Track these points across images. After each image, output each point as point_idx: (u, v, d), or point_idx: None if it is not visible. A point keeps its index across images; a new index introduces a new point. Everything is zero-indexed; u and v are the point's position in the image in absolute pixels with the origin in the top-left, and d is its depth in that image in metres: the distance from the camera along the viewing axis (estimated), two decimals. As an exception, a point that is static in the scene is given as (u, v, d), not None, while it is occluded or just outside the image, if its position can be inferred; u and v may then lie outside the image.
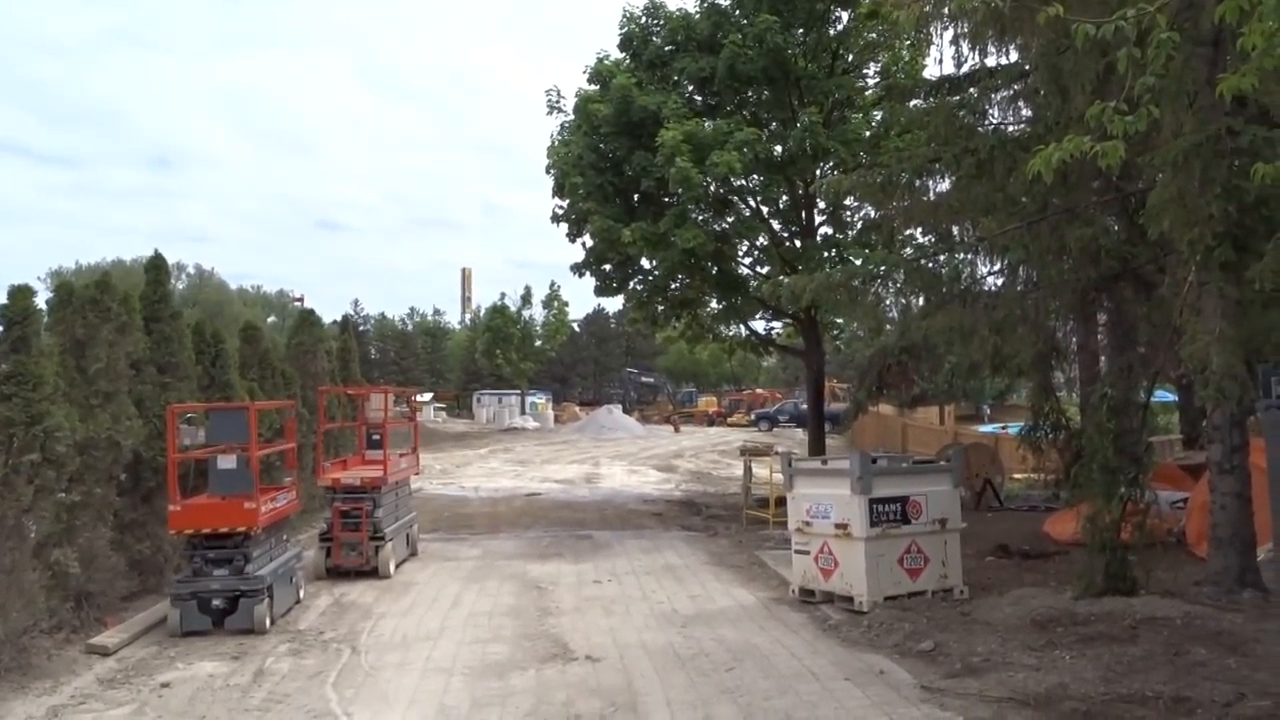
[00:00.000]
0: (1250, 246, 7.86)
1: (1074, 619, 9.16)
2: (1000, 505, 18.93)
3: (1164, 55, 4.83)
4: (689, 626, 10.09)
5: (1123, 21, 4.64)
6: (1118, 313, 12.49)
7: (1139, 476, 10.03)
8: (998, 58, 12.44)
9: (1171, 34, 4.84)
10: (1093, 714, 6.83)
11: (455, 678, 8.34)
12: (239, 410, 11.25)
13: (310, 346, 18.97)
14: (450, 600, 11.64)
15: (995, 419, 41.62)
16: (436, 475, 28.58)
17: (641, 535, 17.07)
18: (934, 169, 12.03)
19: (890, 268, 12.05)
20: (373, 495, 13.08)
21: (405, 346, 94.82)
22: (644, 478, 28.67)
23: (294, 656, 9.14)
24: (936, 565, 10.70)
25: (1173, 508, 13.44)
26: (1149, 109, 5.19)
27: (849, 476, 10.47)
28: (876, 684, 7.84)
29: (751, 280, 20.83)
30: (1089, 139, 5.27)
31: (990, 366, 13.07)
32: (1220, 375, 7.62)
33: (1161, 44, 4.79)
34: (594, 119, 19.51)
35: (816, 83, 19.05)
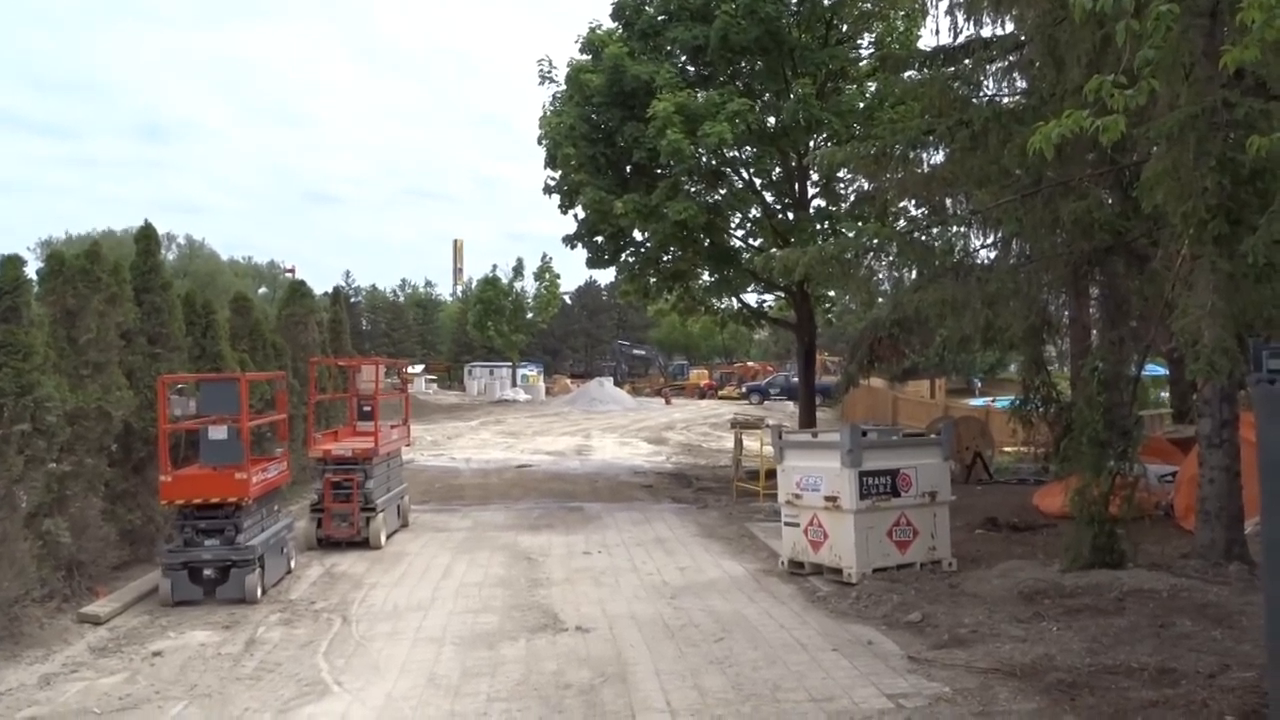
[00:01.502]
0: (1244, 220, 7.83)
1: (1061, 591, 9.23)
2: (990, 478, 19.02)
3: (1164, 28, 4.79)
4: (678, 598, 10.13)
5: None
6: (1110, 286, 12.48)
7: (1128, 450, 10.07)
8: (993, 28, 12.36)
9: (1171, 6, 4.80)
10: (1078, 685, 6.88)
11: (446, 647, 8.37)
12: (230, 381, 11.21)
13: (301, 318, 18.90)
14: (441, 571, 11.66)
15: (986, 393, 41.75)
16: (428, 447, 28.59)
17: (632, 507, 17.11)
18: (928, 141, 11.95)
19: (883, 240, 11.99)
20: (364, 466, 13.07)
21: (396, 318, 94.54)
22: (635, 450, 28.73)
23: (285, 626, 9.16)
24: (925, 538, 10.75)
25: (1161, 481, 13.52)
26: (1149, 82, 5.15)
27: (839, 449, 10.48)
28: (864, 655, 7.89)
29: (743, 253, 20.78)
30: (1088, 113, 5.23)
31: (982, 340, 13.05)
32: (1211, 350, 7.63)
33: (1161, 16, 4.74)
34: (586, 89, 19.35)
35: (810, 53, 18.90)
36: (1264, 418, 4.48)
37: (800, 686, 7.13)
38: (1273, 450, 4.44)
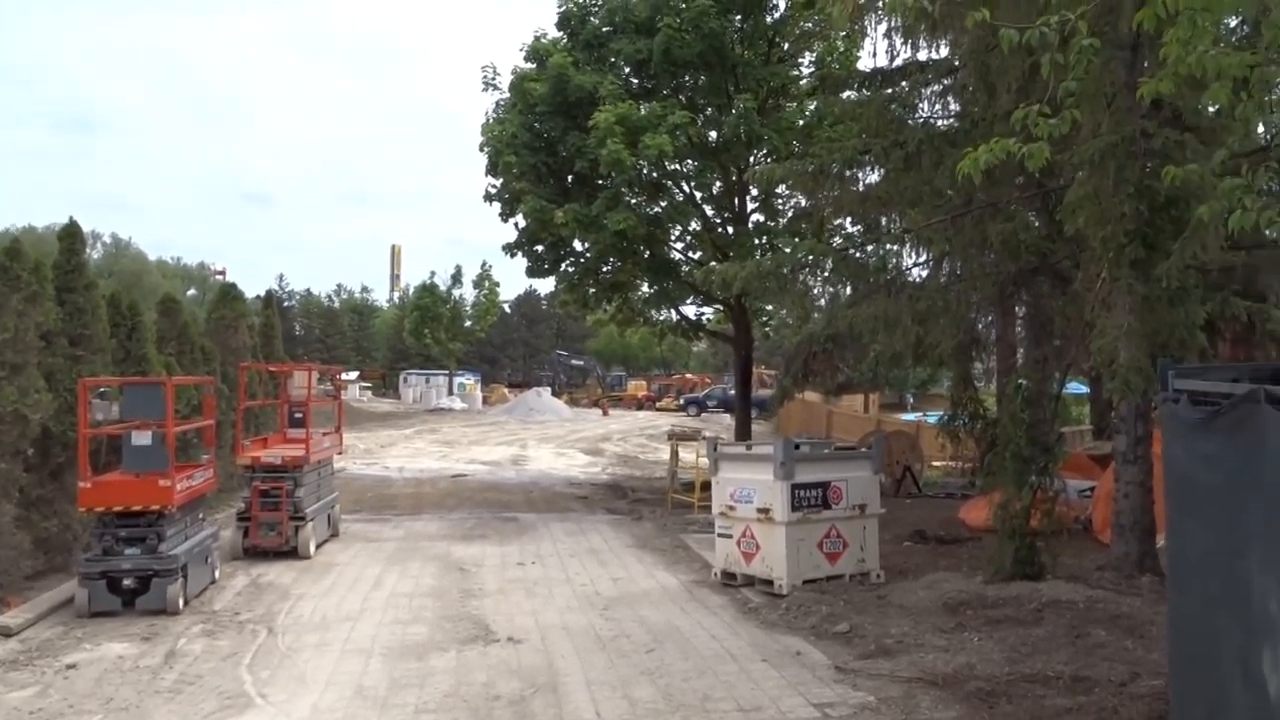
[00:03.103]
0: (1159, 246, 8.17)
1: (984, 602, 9.46)
2: (919, 492, 19.38)
3: (1085, 61, 4.98)
4: (611, 608, 10.16)
5: (1045, 28, 4.77)
6: (1035, 306, 12.85)
7: (1049, 465, 10.37)
8: (929, 52, 12.69)
9: (1093, 40, 4.99)
10: (997, 693, 7.08)
11: (374, 659, 8.29)
12: (155, 385, 10.97)
13: (231, 321, 18.58)
14: (371, 581, 11.54)
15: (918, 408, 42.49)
16: (360, 455, 28.23)
17: (567, 518, 17.10)
18: (864, 160, 12.22)
19: (818, 257, 12.22)
20: (294, 474, 12.88)
21: (331, 324, 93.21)
22: (571, 460, 28.69)
23: (208, 637, 8.99)
24: (855, 550, 10.93)
25: (1081, 496, 13.92)
26: (1071, 112, 5.35)
27: (772, 462, 10.62)
28: (793, 665, 8.00)
29: (683, 265, 20.92)
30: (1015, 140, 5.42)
31: (913, 356, 13.36)
32: (1126, 369, 7.93)
33: (1083, 50, 4.94)
34: (530, 98, 19.36)
35: (752, 70, 19.14)
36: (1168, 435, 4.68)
37: (729, 696, 7.21)
38: (1176, 466, 4.64)
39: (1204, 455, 4.15)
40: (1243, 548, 3.76)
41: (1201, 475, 4.19)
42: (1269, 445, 3.50)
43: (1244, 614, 3.74)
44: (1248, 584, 3.69)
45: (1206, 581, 4.15)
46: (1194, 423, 4.19)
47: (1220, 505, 4.01)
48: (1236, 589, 3.79)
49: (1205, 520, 4.19)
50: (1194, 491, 4.33)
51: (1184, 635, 4.51)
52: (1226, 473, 3.91)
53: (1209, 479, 4.11)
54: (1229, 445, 3.87)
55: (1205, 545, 4.17)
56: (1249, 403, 3.65)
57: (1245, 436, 3.70)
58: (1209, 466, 4.10)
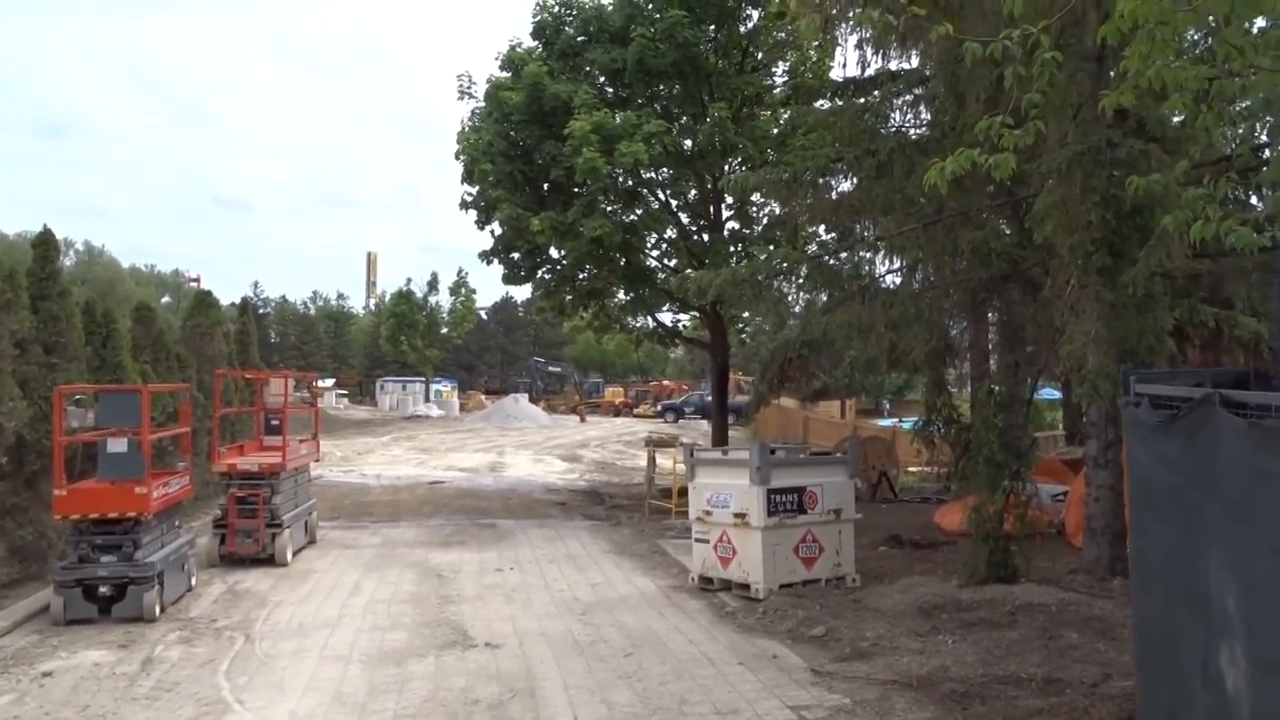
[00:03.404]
0: (1125, 253, 8.33)
1: (958, 605, 9.58)
2: (895, 497, 19.54)
3: (1048, 73, 5.10)
4: (589, 614, 10.21)
5: (1008, 41, 4.88)
6: (1007, 312, 13.02)
7: (1021, 470, 10.52)
8: (900, 63, 12.85)
9: (1055, 54, 5.11)
10: (970, 694, 7.18)
11: (353, 665, 8.30)
12: (130, 393, 10.94)
13: (207, 329, 18.51)
14: (349, 588, 11.53)
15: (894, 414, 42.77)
16: (337, 462, 28.11)
17: (545, 524, 17.13)
18: (836, 169, 12.36)
19: (793, 264, 12.33)
20: (270, 481, 12.85)
21: (307, 331, 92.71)
22: (549, 467, 28.70)
23: (185, 645, 8.96)
24: (831, 554, 11.04)
25: (1054, 500, 14.11)
26: (1035, 124, 5.47)
27: (748, 467, 10.71)
28: (769, 668, 8.08)
29: (659, 273, 21.03)
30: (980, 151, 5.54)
31: (887, 362, 13.46)
32: (1095, 374, 8.07)
33: (1045, 64, 5.05)
34: (505, 106, 19.43)
35: (726, 79, 19.29)
36: (1130, 438, 4.81)
37: (706, 700, 7.27)
38: (1139, 469, 4.76)
39: (1164, 458, 4.27)
40: (1201, 548, 3.88)
41: (1162, 477, 4.31)
42: (1224, 448, 3.62)
43: (1203, 612, 3.86)
44: (1206, 583, 3.81)
45: (1168, 581, 4.27)
46: (1154, 426, 4.31)
47: (1180, 506, 4.13)
48: (1196, 588, 3.91)
49: (1166, 521, 4.31)
50: (1155, 493, 4.45)
51: (1148, 634, 4.63)
52: (1185, 475, 4.03)
53: (1169, 481, 4.22)
54: (1187, 448, 3.98)
55: (1166, 546, 4.29)
56: (1205, 406, 3.77)
57: (1202, 439, 3.81)
58: (1169, 469, 4.21)
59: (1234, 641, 3.57)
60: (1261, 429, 3.39)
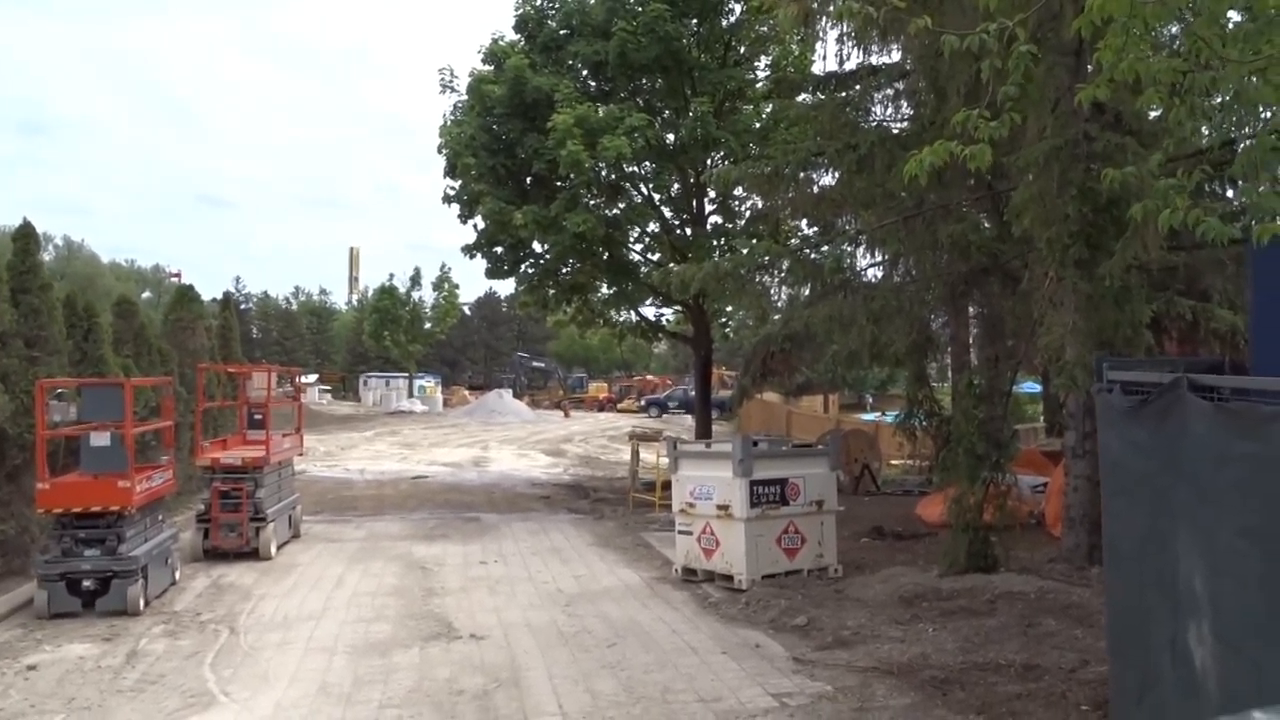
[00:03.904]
0: (1102, 246, 8.44)
1: (939, 595, 9.70)
2: (877, 489, 19.69)
3: (1023, 66, 5.18)
4: (573, 605, 10.28)
5: (985, 35, 4.95)
6: (987, 305, 13.16)
7: (1001, 461, 10.65)
8: (881, 57, 12.94)
9: (1030, 47, 5.19)
10: (950, 680, 7.29)
11: (338, 656, 8.34)
12: (113, 387, 10.92)
13: (189, 323, 18.45)
14: (333, 581, 11.55)
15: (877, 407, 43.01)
16: (320, 458, 28.04)
17: (529, 518, 17.17)
18: (818, 163, 12.44)
19: (775, 258, 12.42)
20: (254, 475, 12.85)
21: (289, 326, 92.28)
22: (533, 462, 28.72)
23: (169, 638, 8.98)
24: (813, 545, 11.14)
25: (1034, 491, 14.27)
26: (1010, 116, 5.56)
27: (731, 459, 10.79)
28: (752, 657, 8.17)
29: (642, 267, 21.09)
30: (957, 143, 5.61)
31: (868, 355, 13.59)
32: (1072, 365, 8.19)
33: (1021, 56, 5.13)
34: (487, 100, 19.43)
35: (709, 73, 19.37)
36: (1102, 424, 4.91)
37: (690, 688, 7.35)
38: (1110, 454, 4.86)
39: (1134, 442, 4.36)
40: (1170, 530, 3.97)
41: (1133, 462, 4.41)
42: (1192, 431, 3.72)
43: (1172, 593, 3.95)
44: (1175, 565, 3.90)
45: (1139, 564, 4.37)
46: (1125, 411, 4.40)
47: (1150, 490, 4.22)
48: (1165, 569, 4.00)
49: (1137, 505, 4.41)
50: (1126, 478, 4.55)
51: (1120, 616, 4.73)
52: (1155, 459, 4.13)
53: (1140, 465, 4.32)
54: (1157, 432, 4.08)
55: (1137, 529, 4.39)
56: (1174, 391, 3.86)
57: (1171, 424, 3.91)
58: (1139, 453, 4.31)
59: (1201, 620, 3.67)
60: (1227, 412, 3.49)
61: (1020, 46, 5.19)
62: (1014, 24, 4.95)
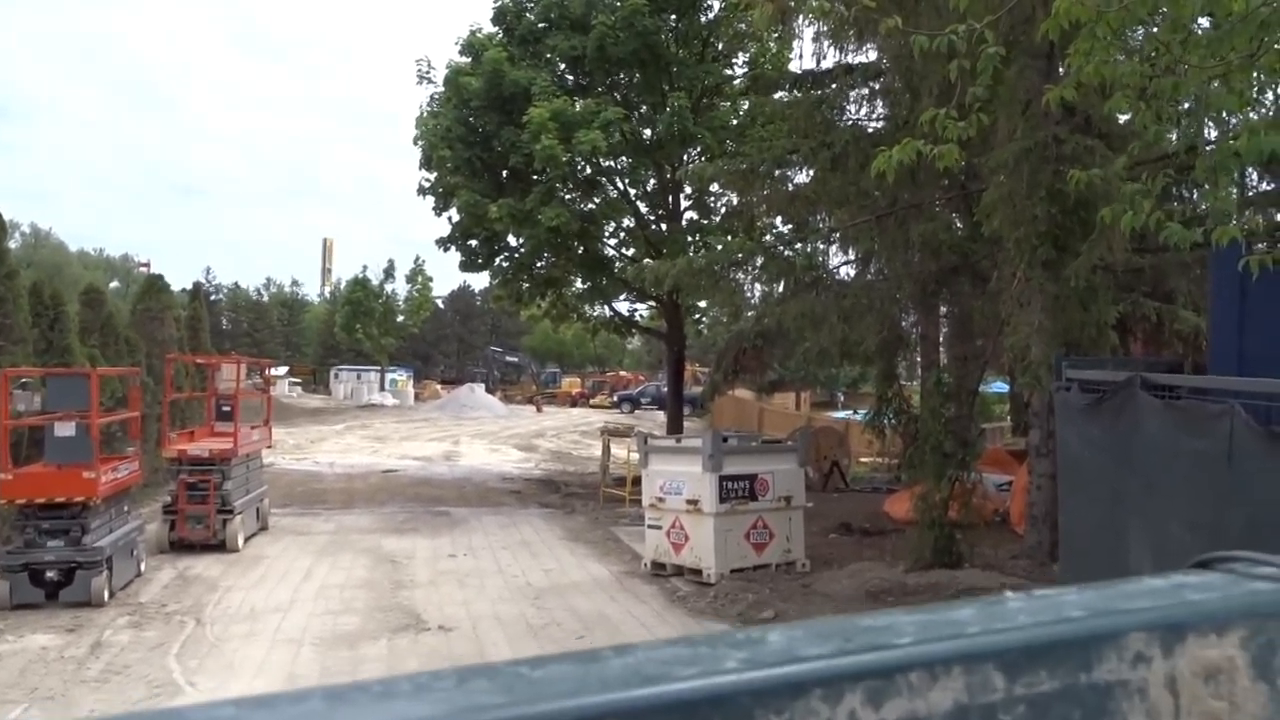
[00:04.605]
0: (1069, 247, 8.59)
1: (904, 589, 9.84)
2: (846, 486, 19.84)
3: (991, 68, 5.28)
4: (542, 598, 10.32)
5: (954, 36, 5.05)
6: (957, 304, 13.30)
7: (967, 459, 10.80)
8: (856, 55, 13.05)
9: (999, 49, 5.30)
10: (913, 674, 7.40)
11: (305, 648, 8.35)
12: (79, 376, 10.85)
13: (157, 313, 18.32)
14: (301, 573, 11.53)
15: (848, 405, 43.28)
16: (290, 450, 27.88)
17: (499, 512, 17.19)
18: (792, 160, 12.53)
19: (749, 254, 12.51)
20: (221, 467, 12.78)
21: (260, 318, 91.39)
22: (504, 456, 28.70)
23: (134, 629, 8.94)
24: (781, 540, 11.25)
25: (999, 489, 14.46)
26: (978, 116, 5.66)
27: (701, 454, 10.88)
28: (719, 650, 8.24)
29: (617, 262, 21.12)
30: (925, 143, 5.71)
31: (839, 353, 13.71)
32: (1037, 365, 8.33)
33: (989, 58, 5.24)
34: (464, 92, 19.40)
35: (686, 69, 19.42)
36: (1061, 421, 5.02)
37: (656, 680, 7.42)
38: (1067, 449, 4.98)
39: (1090, 438, 4.48)
40: (1122, 523, 4.08)
41: (1089, 457, 4.52)
42: (1144, 428, 3.82)
43: (1124, 584, 4.05)
44: (1126, 555, 4.02)
45: (1091, 556, 4.49)
46: (1082, 409, 4.52)
47: (1104, 484, 4.34)
48: (1117, 561, 4.11)
49: (1092, 499, 4.52)
50: (1083, 472, 4.66)
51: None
52: (1109, 454, 4.24)
53: (1095, 460, 4.44)
54: (1112, 429, 4.19)
55: (1091, 522, 4.51)
56: (1127, 389, 3.97)
57: (1125, 421, 4.02)
58: (1095, 448, 4.42)
59: (1150, 611, 3.75)
60: (1176, 409, 3.60)
61: (989, 48, 5.29)
62: (982, 26, 5.04)
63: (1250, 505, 3.09)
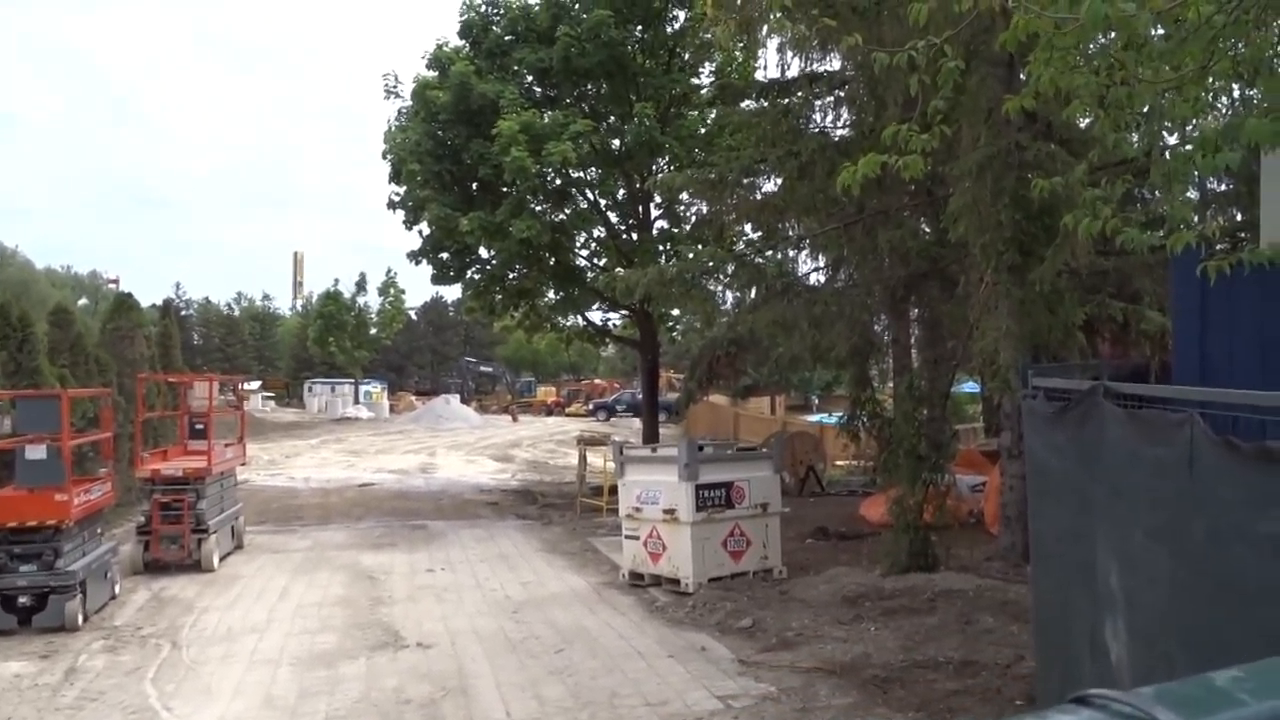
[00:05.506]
0: (1034, 251, 8.70)
1: (881, 594, 9.90)
2: (822, 491, 19.94)
3: (950, 81, 5.35)
4: (520, 611, 10.31)
5: (913, 52, 5.11)
6: (927, 309, 13.42)
7: (940, 462, 10.89)
8: (822, 65, 13.14)
9: (958, 62, 5.36)
10: (891, 679, 7.47)
11: (282, 668, 8.29)
12: (49, 398, 10.75)
13: (127, 331, 18.16)
14: (278, 592, 11.46)
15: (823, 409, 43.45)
16: (264, 466, 27.68)
17: (476, 524, 17.15)
18: (761, 170, 12.61)
19: (719, 263, 12.58)
20: (196, 486, 12.69)
21: (231, 333, 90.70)
22: (480, 468, 28.63)
23: (109, 653, 8.86)
24: (758, 547, 11.29)
25: (973, 491, 14.59)
26: (939, 128, 5.73)
27: (677, 464, 10.91)
28: (698, 660, 8.28)
29: (588, 272, 21.17)
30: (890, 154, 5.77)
31: (811, 358, 13.80)
32: (1005, 369, 8.43)
33: (949, 72, 5.30)
34: (432, 106, 19.40)
35: (653, 79, 19.51)
36: (1028, 428, 5.10)
37: (636, 692, 7.44)
38: (1034, 456, 5.05)
39: (1056, 446, 4.55)
40: (1089, 530, 4.16)
41: (1055, 465, 4.60)
42: (1108, 437, 3.90)
43: (1090, 590, 4.14)
44: (1093, 563, 4.09)
45: (1061, 562, 4.56)
46: (1048, 417, 4.59)
47: (1070, 492, 4.41)
48: (1084, 567, 4.19)
49: (1059, 506, 4.60)
50: (1049, 480, 4.74)
51: (1044, 612, 4.92)
52: (1075, 462, 4.31)
53: (1061, 468, 4.51)
54: (1077, 437, 4.26)
55: (1059, 528, 4.58)
56: (1092, 397, 4.04)
57: (1090, 429, 4.09)
58: (1061, 456, 4.50)
59: (1116, 616, 3.85)
60: (1138, 419, 3.67)
61: (948, 63, 5.36)
62: (941, 41, 5.11)
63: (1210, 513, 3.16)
